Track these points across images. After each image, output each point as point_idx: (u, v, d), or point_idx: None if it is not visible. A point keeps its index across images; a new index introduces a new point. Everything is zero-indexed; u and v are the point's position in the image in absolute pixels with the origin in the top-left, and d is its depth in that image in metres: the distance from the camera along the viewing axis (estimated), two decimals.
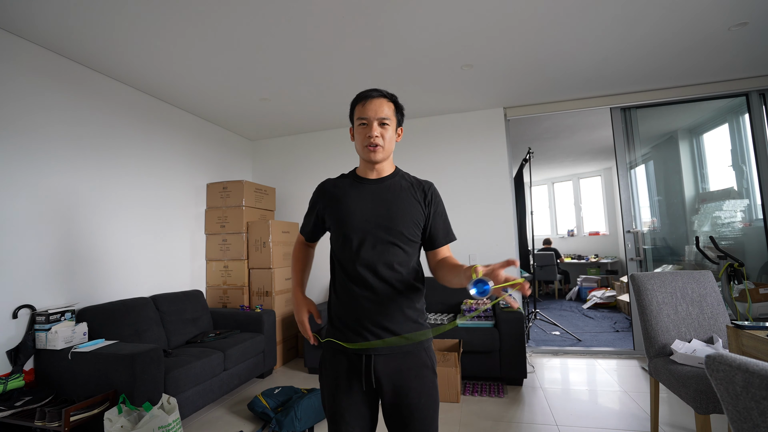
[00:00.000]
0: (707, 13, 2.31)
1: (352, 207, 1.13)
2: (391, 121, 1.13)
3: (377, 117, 1.11)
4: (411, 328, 1.10)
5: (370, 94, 1.13)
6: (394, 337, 1.07)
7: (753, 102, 3.32)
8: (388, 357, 1.07)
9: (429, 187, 1.19)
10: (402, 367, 1.07)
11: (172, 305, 2.99)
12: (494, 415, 2.42)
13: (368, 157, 1.13)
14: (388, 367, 1.06)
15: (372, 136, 1.10)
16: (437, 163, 3.89)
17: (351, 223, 1.11)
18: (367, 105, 1.12)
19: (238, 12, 2.13)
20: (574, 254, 7.61)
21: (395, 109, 1.16)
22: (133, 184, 2.98)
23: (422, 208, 1.15)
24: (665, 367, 1.84)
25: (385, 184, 1.17)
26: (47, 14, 2.08)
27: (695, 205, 3.72)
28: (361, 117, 1.13)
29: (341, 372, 1.09)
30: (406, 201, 1.14)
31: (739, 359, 0.81)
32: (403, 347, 1.08)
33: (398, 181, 1.19)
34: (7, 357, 2.10)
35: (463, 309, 3.13)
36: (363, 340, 1.07)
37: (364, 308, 1.08)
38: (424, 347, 1.11)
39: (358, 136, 1.14)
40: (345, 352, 1.09)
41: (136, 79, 2.88)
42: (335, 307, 1.15)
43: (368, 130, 1.11)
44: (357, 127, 1.15)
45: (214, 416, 2.55)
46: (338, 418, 1.08)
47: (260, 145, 4.54)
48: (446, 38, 2.48)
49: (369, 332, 1.07)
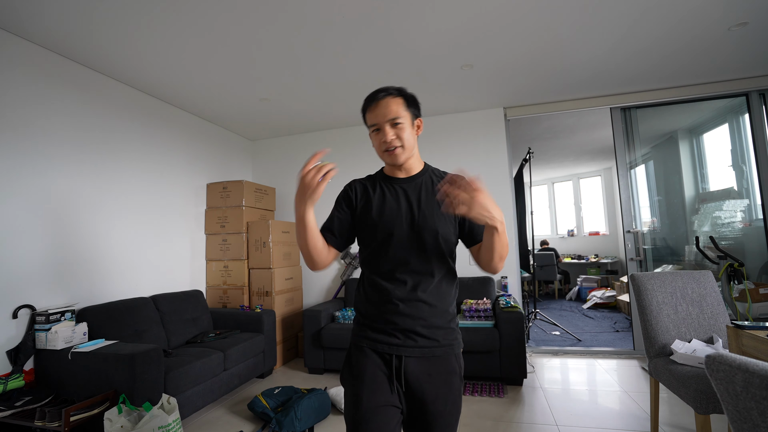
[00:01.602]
0: (707, 13, 2.31)
1: (385, 207, 1.09)
2: (404, 119, 1.07)
3: (387, 119, 1.06)
4: (443, 332, 1.07)
5: (375, 97, 1.08)
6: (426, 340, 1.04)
7: (753, 102, 3.32)
8: (419, 360, 1.04)
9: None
10: (432, 371, 1.04)
11: (172, 305, 2.99)
12: (494, 415, 2.42)
13: (390, 161, 1.10)
14: (418, 370, 1.03)
15: (387, 141, 1.06)
16: (437, 163, 3.86)
17: (384, 222, 1.07)
18: (375, 109, 1.07)
19: (238, 12, 2.13)
20: (574, 254, 7.61)
21: (405, 103, 1.09)
22: (133, 184, 2.98)
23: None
24: (665, 367, 1.84)
25: (416, 183, 1.12)
26: (47, 14, 2.08)
27: (695, 205, 3.72)
28: (372, 124, 1.08)
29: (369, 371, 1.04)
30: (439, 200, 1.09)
31: (739, 359, 0.81)
32: (435, 351, 1.05)
33: (429, 177, 1.14)
34: (7, 357, 2.10)
35: (463, 309, 3.13)
36: (393, 341, 1.04)
37: (396, 310, 1.04)
38: (454, 353, 1.08)
39: (375, 142, 1.10)
40: (376, 350, 1.06)
41: (136, 79, 2.88)
42: (364, 306, 1.11)
43: (382, 135, 1.07)
44: (371, 134, 1.11)
45: (214, 416, 2.55)
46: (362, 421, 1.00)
47: (260, 145, 4.54)
48: (446, 38, 2.48)
49: (400, 333, 1.04)
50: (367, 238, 1.11)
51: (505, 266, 3.67)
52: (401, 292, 1.04)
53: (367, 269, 1.12)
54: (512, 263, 3.67)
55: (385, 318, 1.05)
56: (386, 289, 1.05)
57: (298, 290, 3.96)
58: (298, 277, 3.99)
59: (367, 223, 1.10)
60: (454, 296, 1.12)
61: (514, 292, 3.64)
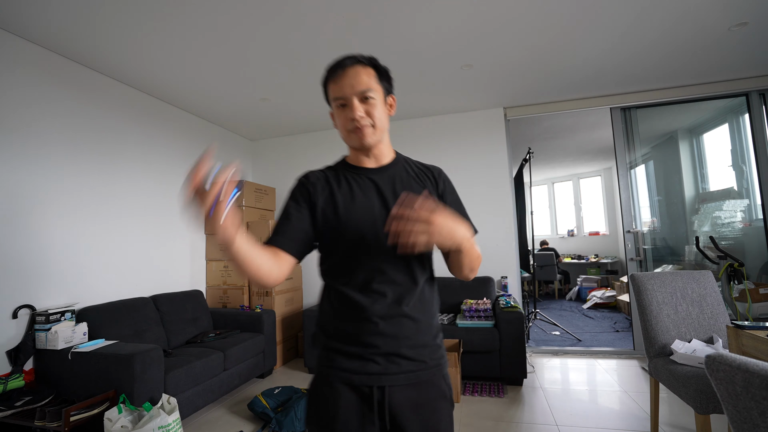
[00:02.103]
0: (707, 13, 2.31)
1: (354, 203, 0.90)
2: (376, 93, 0.89)
3: (356, 91, 0.87)
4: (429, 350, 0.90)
5: (342, 65, 0.90)
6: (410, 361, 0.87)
7: (753, 102, 3.32)
8: (405, 387, 0.85)
9: (439, 173, 1.01)
10: (420, 399, 0.86)
11: (172, 305, 2.99)
12: (494, 415, 2.42)
13: (357, 142, 0.91)
14: (404, 400, 0.85)
15: (355, 118, 0.87)
16: (437, 164, 3.87)
17: (355, 222, 0.88)
18: (341, 79, 0.89)
19: (238, 12, 2.13)
20: (574, 254, 7.61)
21: (377, 75, 0.92)
22: (134, 183, 2.98)
23: (435, 200, 0.94)
24: (665, 367, 1.84)
25: (389, 173, 0.95)
26: (47, 14, 2.08)
27: (695, 205, 3.72)
28: (337, 97, 0.89)
29: (342, 415, 0.85)
30: (418, 191, 0.94)
31: (739, 359, 0.81)
32: (421, 375, 0.87)
33: (403, 167, 0.98)
34: (7, 357, 2.10)
35: (463, 309, 3.13)
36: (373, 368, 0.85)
37: (376, 330, 0.85)
38: (442, 373, 0.91)
39: (338, 119, 0.91)
40: (350, 384, 0.86)
41: (136, 79, 2.88)
42: (333, 327, 0.90)
43: (349, 111, 0.88)
44: (335, 110, 0.91)
45: (214, 416, 2.55)
46: None
47: (260, 145, 4.54)
48: (446, 38, 2.48)
49: (381, 358, 0.85)
50: (333, 242, 0.91)
51: (505, 266, 3.67)
52: (381, 307, 0.86)
53: (335, 281, 0.91)
54: (512, 263, 3.67)
55: (361, 340, 0.86)
56: (362, 305, 0.86)
57: (298, 290, 3.96)
58: (298, 277, 3.99)
59: (332, 225, 0.90)
60: (437, 306, 0.97)
61: (514, 292, 3.64)
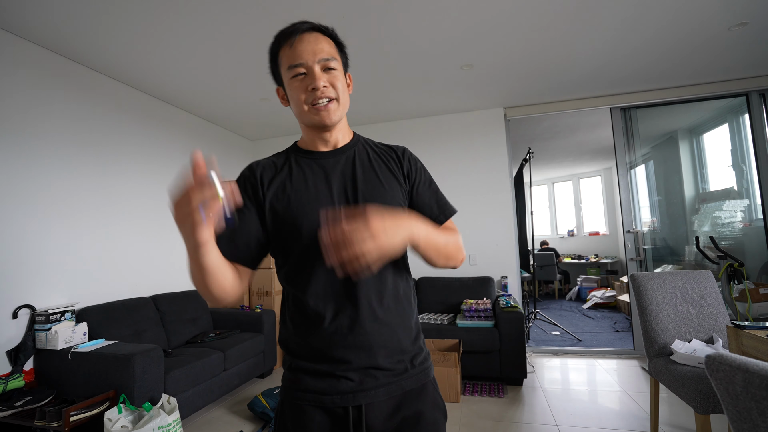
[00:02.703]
0: (707, 14, 2.31)
1: (308, 193, 0.78)
2: (337, 64, 0.79)
3: (318, 59, 0.76)
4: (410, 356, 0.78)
5: (299, 28, 0.77)
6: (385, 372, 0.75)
7: (753, 102, 3.32)
8: (386, 402, 0.74)
9: (403, 152, 0.87)
10: (406, 413, 0.75)
11: (172, 305, 2.99)
12: (494, 415, 2.42)
13: (319, 119, 0.77)
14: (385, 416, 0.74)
15: (318, 87, 0.75)
16: (437, 164, 3.88)
17: (308, 217, 0.75)
18: (299, 44, 0.76)
19: (238, 12, 2.13)
20: (574, 254, 7.61)
21: (337, 47, 0.82)
22: (134, 183, 2.98)
23: (402, 181, 0.83)
24: (665, 367, 1.84)
25: (347, 156, 0.83)
26: (47, 14, 2.08)
27: (695, 205, 3.72)
28: (294, 64, 0.76)
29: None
30: (382, 174, 0.82)
31: (739, 359, 0.81)
32: (404, 384, 0.76)
33: (363, 149, 0.86)
34: (7, 357, 2.10)
35: (463, 309, 3.13)
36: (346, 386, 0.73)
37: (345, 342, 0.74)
38: (430, 380, 0.80)
39: (295, 92, 0.77)
40: (322, 407, 0.74)
41: (136, 79, 2.88)
42: (296, 343, 0.78)
43: (310, 80, 0.75)
44: (290, 81, 0.77)
45: (214, 416, 2.55)
46: None
47: (260, 145, 4.54)
48: (446, 38, 2.48)
49: (354, 373, 0.74)
50: (287, 241, 0.77)
51: (505, 266, 3.67)
52: (349, 315, 0.74)
53: (294, 287, 0.78)
54: (512, 263, 3.67)
55: (329, 356, 0.74)
56: (325, 315, 0.74)
57: None
58: None
59: (285, 220, 0.77)
60: (415, 302, 0.85)
61: (514, 292, 3.64)
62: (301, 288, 0.76)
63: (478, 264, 3.72)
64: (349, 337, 0.74)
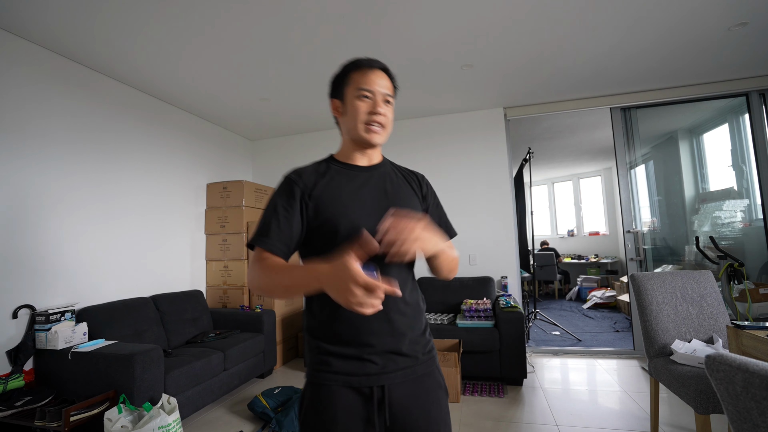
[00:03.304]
0: (707, 13, 2.31)
1: (348, 199, 0.91)
2: (392, 100, 0.96)
3: (384, 92, 0.92)
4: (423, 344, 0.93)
5: (372, 64, 0.94)
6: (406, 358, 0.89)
7: (753, 102, 3.32)
8: (403, 384, 0.87)
9: (423, 178, 1.06)
10: (419, 392, 0.88)
11: (172, 305, 2.99)
12: (494, 415, 2.42)
13: (368, 138, 0.92)
14: (404, 395, 0.87)
15: (378, 113, 0.91)
16: (437, 164, 3.88)
17: (349, 217, 0.87)
18: (371, 74, 0.92)
19: (238, 12, 2.13)
20: (574, 254, 7.61)
21: (394, 89, 0.99)
22: (133, 184, 2.98)
23: (420, 201, 1.00)
24: (665, 367, 1.84)
25: (380, 173, 0.98)
26: (47, 14, 2.08)
27: (695, 205, 3.72)
28: (363, 87, 0.91)
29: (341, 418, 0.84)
30: (407, 191, 0.98)
31: (739, 359, 0.81)
32: (417, 369, 0.90)
33: (391, 169, 1.02)
34: (7, 357, 2.10)
35: (463, 309, 3.13)
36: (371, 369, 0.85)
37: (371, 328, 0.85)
38: (436, 366, 0.95)
39: (355, 110, 0.91)
40: (350, 386, 0.85)
41: (136, 79, 2.88)
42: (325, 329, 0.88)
43: (373, 105, 0.91)
44: (354, 100, 0.92)
45: (214, 416, 2.55)
46: None
47: (260, 145, 4.54)
48: (446, 38, 2.48)
49: (378, 357, 0.85)
50: (326, 235, 0.88)
51: (505, 266, 3.67)
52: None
53: None
54: (512, 263, 3.67)
55: (358, 340, 0.85)
56: None
57: None
58: None
59: (326, 216, 0.88)
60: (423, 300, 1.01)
61: (514, 292, 3.64)
62: None
63: (478, 264, 3.72)
64: (375, 325, 0.85)
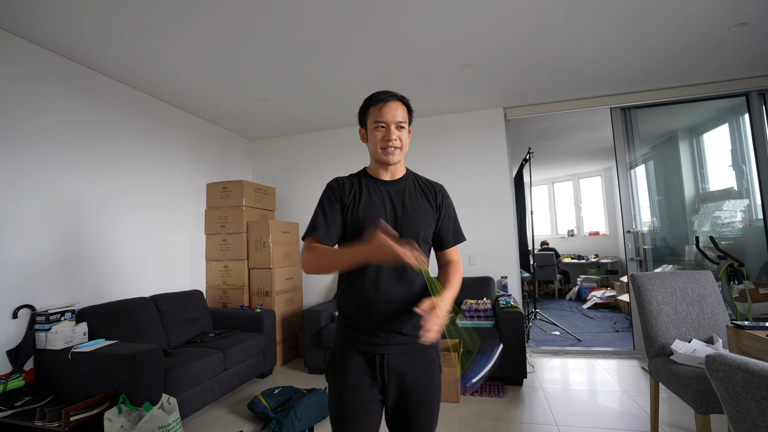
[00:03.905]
0: (707, 13, 2.31)
1: (371, 205, 1.14)
2: (406, 124, 1.17)
3: (395, 120, 1.14)
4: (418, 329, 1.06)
5: (387, 98, 1.15)
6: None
7: (753, 102, 3.32)
8: (401, 355, 1.10)
9: (440, 189, 1.24)
10: (413, 363, 1.11)
11: (172, 305, 2.99)
12: (494, 415, 2.42)
13: (386, 159, 1.15)
14: (399, 363, 1.10)
15: (391, 140, 1.13)
16: (437, 163, 3.89)
17: (368, 222, 1.11)
18: (384, 109, 1.14)
19: (238, 12, 2.13)
20: (574, 254, 7.61)
21: (408, 111, 1.19)
22: (134, 184, 2.98)
23: (434, 211, 1.19)
24: (665, 367, 1.84)
25: (400, 186, 1.20)
26: (47, 14, 2.08)
27: (695, 205, 3.72)
28: (378, 120, 1.14)
29: (351, 369, 1.10)
30: (422, 203, 1.18)
31: (739, 359, 0.81)
32: (414, 346, 1.11)
33: (412, 182, 1.22)
34: (7, 357, 2.10)
35: (463, 309, 3.13)
36: (376, 340, 1.10)
37: (378, 309, 1.09)
38: (433, 345, 1.15)
39: (374, 138, 1.15)
40: (359, 350, 1.11)
41: (136, 79, 2.88)
42: (348, 307, 1.15)
43: (387, 133, 1.14)
44: (373, 130, 1.16)
45: (214, 416, 2.55)
46: (346, 416, 1.09)
47: (260, 145, 4.54)
48: (446, 38, 2.48)
49: (382, 333, 1.10)
50: (352, 236, 1.13)
51: (505, 266, 3.67)
52: (383, 292, 1.10)
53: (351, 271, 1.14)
54: (512, 263, 3.67)
55: (369, 320, 1.10)
56: (370, 293, 1.10)
57: (298, 290, 3.96)
58: (298, 277, 3.99)
59: (357, 220, 1.13)
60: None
61: (514, 292, 3.64)
62: (356, 272, 1.12)
63: (478, 264, 3.72)
64: (383, 308, 1.10)
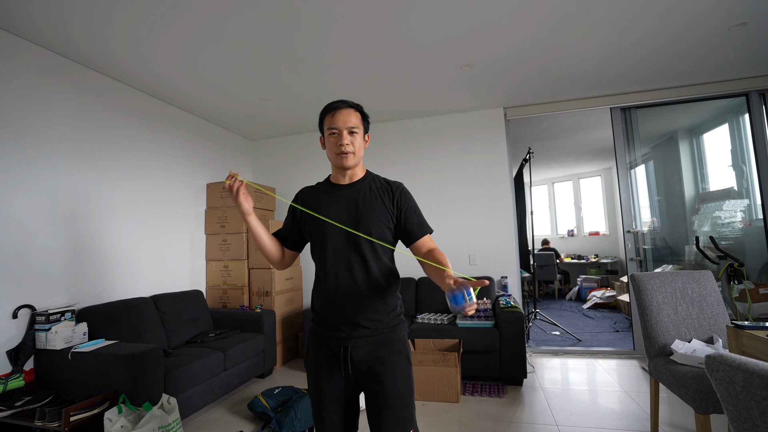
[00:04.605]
0: (707, 13, 2.31)
1: (326, 211, 1.22)
2: (359, 129, 1.22)
3: (346, 126, 1.20)
4: (384, 321, 1.19)
5: (338, 106, 1.22)
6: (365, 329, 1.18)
7: (753, 102, 3.32)
8: (364, 347, 1.17)
9: (397, 187, 1.28)
10: (377, 355, 1.17)
11: (172, 305, 2.99)
12: (494, 415, 2.42)
13: (341, 163, 1.22)
14: (364, 354, 1.17)
15: (343, 144, 1.19)
16: (437, 163, 3.88)
17: (324, 224, 1.20)
18: (336, 116, 1.20)
19: (238, 13, 2.13)
20: (574, 254, 7.60)
21: (361, 117, 1.25)
22: (134, 184, 2.98)
23: (391, 208, 1.24)
24: (665, 367, 1.84)
25: (356, 189, 1.26)
26: (47, 14, 2.08)
27: (695, 205, 3.72)
28: (331, 127, 1.21)
29: (323, 362, 1.20)
30: (375, 202, 1.23)
31: (739, 359, 0.81)
32: (378, 338, 1.18)
33: (368, 184, 1.27)
34: (7, 357, 2.10)
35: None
36: (339, 333, 1.18)
37: (339, 305, 1.18)
38: (398, 337, 1.21)
39: (330, 145, 1.22)
40: (326, 344, 1.20)
41: (136, 79, 2.88)
42: (316, 302, 1.26)
43: (339, 138, 1.20)
44: (328, 137, 1.23)
45: (214, 416, 2.55)
46: (319, 401, 1.20)
47: (260, 145, 4.54)
48: (446, 38, 2.48)
49: (344, 326, 1.17)
50: (312, 238, 1.26)
51: (505, 266, 3.67)
52: (342, 289, 1.18)
53: (317, 267, 1.25)
54: (512, 263, 3.67)
55: (330, 314, 1.19)
56: (329, 286, 1.19)
57: (298, 290, 3.96)
58: (298, 277, 3.99)
59: (312, 225, 1.24)
60: (394, 290, 1.25)
61: (514, 292, 3.64)
62: (320, 269, 1.23)
63: (478, 264, 3.72)
64: (341, 303, 1.18)
